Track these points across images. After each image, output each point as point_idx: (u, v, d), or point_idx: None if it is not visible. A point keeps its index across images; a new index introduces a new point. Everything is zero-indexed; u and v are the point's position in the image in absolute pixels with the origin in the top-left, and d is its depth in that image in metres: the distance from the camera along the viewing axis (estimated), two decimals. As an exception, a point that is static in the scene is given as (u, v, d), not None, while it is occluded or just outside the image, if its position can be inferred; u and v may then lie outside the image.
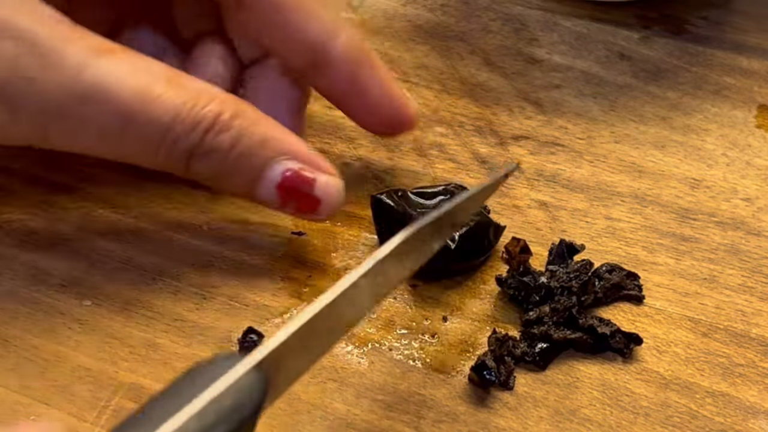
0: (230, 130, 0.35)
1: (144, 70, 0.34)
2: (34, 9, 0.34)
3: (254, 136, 0.35)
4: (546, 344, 0.36)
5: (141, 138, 0.34)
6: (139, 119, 0.34)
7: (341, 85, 0.39)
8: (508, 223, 0.40)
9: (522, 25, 0.52)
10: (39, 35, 0.33)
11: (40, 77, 0.33)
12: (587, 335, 0.36)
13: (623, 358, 0.36)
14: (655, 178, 0.43)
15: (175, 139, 0.34)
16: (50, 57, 0.33)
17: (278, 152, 0.36)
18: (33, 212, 0.41)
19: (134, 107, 0.33)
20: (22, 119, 0.33)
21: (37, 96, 0.33)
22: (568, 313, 0.36)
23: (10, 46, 0.33)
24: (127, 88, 0.33)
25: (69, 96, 0.33)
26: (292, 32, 0.38)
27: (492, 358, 0.35)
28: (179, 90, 0.34)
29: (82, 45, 0.33)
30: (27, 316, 0.37)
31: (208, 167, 0.35)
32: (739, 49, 0.50)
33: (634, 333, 0.36)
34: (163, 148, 0.34)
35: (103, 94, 0.33)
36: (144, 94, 0.34)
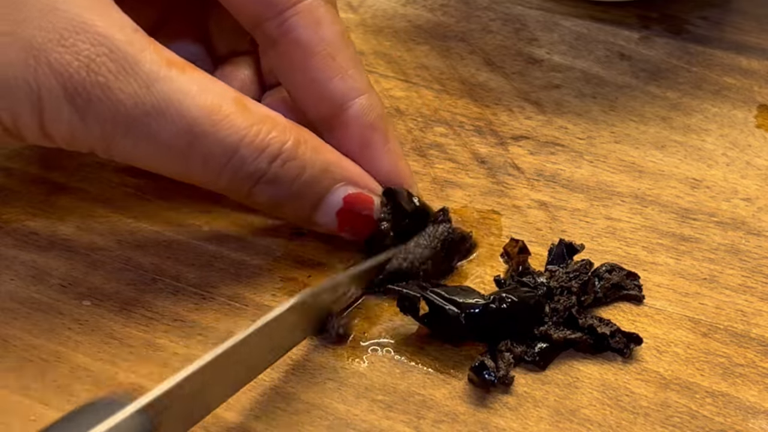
0: (296, 159, 0.35)
1: (212, 90, 0.34)
2: (110, 13, 0.33)
3: (317, 165, 0.35)
4: (546, 344, 0.36)
5: (206, 157, 0.34)
6: (206, 138, 0.33)
7: (351, 148, 0.38)
8: (508, 223, 0.40)
9: (522, 25, 0.52)
10: (116, 40, 0.32)
11: (113, 84, 0.32)
12: (587, 335, 0.36)
13: (623, 358, 0.36)
14: (655, 178, 0.43)
15: (241, 163, 0.34)
16: (125, 64, 0.32)
17: (338, 179, 0.36)
18: (33, 212, 0.41)
19: (202, 125, 0.33)
20: (91, 125, 0.33)
21: (109, 103, 0.32)
22: (568, 313, 0.36)
23: (86, 47, 0.32)
24: (196, 105, 0.33)
25: (139, 107, 0.32)
26: (316, 84, 0.37)
27: (491, 357, 0.35)
28: (246, 112, 0.34)
29: (156, 57, 0.33)
30: (27, 316, 0.37)
31: (271, 194, 0.35)
32: (739, 49, 0.50)
33: (634, 333, 0.36)
34: (228, 171, 0.34)
35: (173, 108, 0.33)
36: (212, 114, 0.33)
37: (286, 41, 0.37)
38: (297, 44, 0.37)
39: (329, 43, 0.37)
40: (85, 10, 0.32)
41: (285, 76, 0.38)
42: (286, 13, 0.36)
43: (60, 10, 0.32)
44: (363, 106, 0.38)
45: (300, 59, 0.37)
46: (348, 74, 0.37)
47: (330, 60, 0.37)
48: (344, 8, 0.53)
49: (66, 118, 0.32)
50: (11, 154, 0.44)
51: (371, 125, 0.38)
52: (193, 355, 0.36)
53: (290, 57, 0.37)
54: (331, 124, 0.38)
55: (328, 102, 0.37)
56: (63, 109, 0.32)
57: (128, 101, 0.32)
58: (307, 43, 0.37)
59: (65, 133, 0.33)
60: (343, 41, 0.37)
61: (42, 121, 0.33)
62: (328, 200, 0.36)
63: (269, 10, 0.36)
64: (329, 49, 0.37)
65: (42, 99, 0.32)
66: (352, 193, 0.36)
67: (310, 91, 0.37)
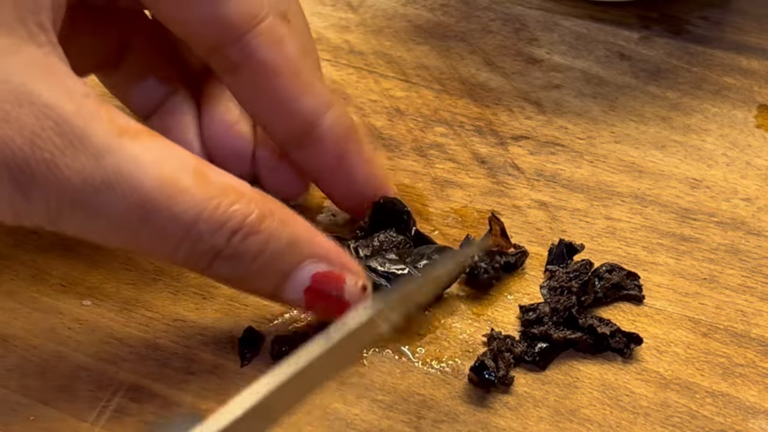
0: (258, 234, 0.32)
1: (169, 159, 0.31)
2: (58, 79, 0.31)
3: (282, 239, 0.32)
4: (546, 344, 0.36)
5: (161, 233, 0.31)
6: (160, 214, 0.31)
7: (326, 161, 0.37)
8: (508, 223, 0.40)
9: (522, 25, 0.52)
10: (63, 111, 0.30)
11: (60, 160, 0.30)
12: (587, 335, 0.36)
13: (623, 358, 0.36)
14: (655, 178, 0.43)
15: (197, 239, 0.31)
16: (72, 137, 0.30)
17: (306, 255, 0.33)
18: (33, 212, 0.41)
19: (156, 200, 0.31)
20: (35, 203, 0.30)
21: (55, 181, 0.30)
22: (568, 313, 0.36)
23: (30, 121, 0.29)
24: (150, 178, 0.30)
25: (88, 183, 0.30)
26: (284, 104, 0.36)
27: (491, 357, 0.35)
28: (206, 184, 0.31)
29: (107, 126, 0.30)
30: (27, 316, 0.37)
31: (232, 270, 0.32)
32: (739, 49, 0.50)
33: (634, 333, 0.36)
34: (184, 247, 0.31)
35: (124, 182, 0.30)
36: (168, 187, 0.31)
37: (249, 65, 0.35)
38: (261, 66, 0.35)
39: (292, 61, 0.36)
40: (31, 78, 0.30)
41: (249, 99, 0.37)
42: (246, 37, 0.35)
43: (2, 81, 0.29)
44: (334, 120, 0.37)
45: (265, 81, 0.36)
46: (315, 90, 0.36)
47: (295, 78, 0.36)
48: (344, 8, 0.53)
49: (7, 196, 0.30)
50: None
51: (344, 137, 0.37)
52: (194, 354, 0.36)
53: (254, 80, 0.36)
54: (302, 141, 0.37)
55: (299, 120, 0.36)
56: (5, 187, 0.30)
57: (76, 177, 0.30)
58: (271, 64, 0.35)
59: (8, 211, 0.31)
60: (303, 56, 0.36)
61: None
62: (295, 277, 0.33)
63: (229, 36, 0.35)
64: (293, 67, 0.36)
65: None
66: (321, 272, 0.33)
67: (279, 111, 0.36)
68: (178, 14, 0.35)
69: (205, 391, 0.35)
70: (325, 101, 0.37)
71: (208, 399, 0.34)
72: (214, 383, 0.35)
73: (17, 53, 0.30)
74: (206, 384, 0.35)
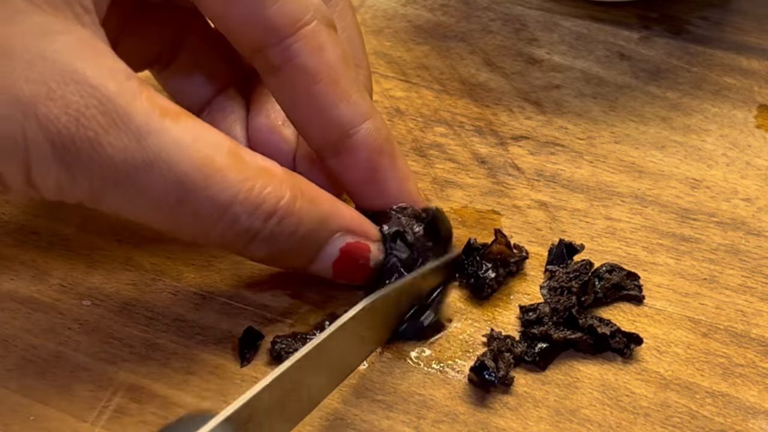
0: (292, 216, 0.33)
1: (206, 141, 0.32)
2: (102, 59, 0.31)
3: (314, 218, 0.34)
4: (546, 344, 0.36)
5: (197, 213, 0.32)
6: (197, 194, 0.32)
7: (359, 173, 0.37)
8: (508, 223, 0.40)
9: (522, 25, 0.52)
10: (107, 91, 0.31)
11: (103, 138, 0.30)
12: (587, 335, 0.36)
13: (623, 358, 0.36)
14: (655, 178, 0.43)
15: (234, 220, 0.33)
16: (116, 117, 0.31)
17: (335, 230, 0.35)
18: (33, 212, 0.41)
19: (194, 180, 0.32)
20: (79, 180, 0.31)
21: (98, 159, 0.31)
22: (568, 313, 0.36)
23: (76, 99, 0.30)
24: (188, 159, 0.31)
25: (129, 162, 0.31)
26: (321, 110, 0.36)
27: (491, 357, 0.35)
28: (240, 165, 0.33)
29: (148, 106, 0.31)
30: (27, 316, 0.37)
31: (267, 250, 0.34)
32: (739, 49, 0.50)
33: (634, 333, 0.36)
34: (220, 227, 0.33)
35: (164, 163, 0.31)
36: (205, 168, 0.32)
37: (289, 68, 0.36)
38: (301, 71, 0.36)
39: (332, 68, 0.36)
40: (76, 58, 0.31)
41: (287, 103, 0.37)
42: (288, 40, 0.35)
43: (48, 59, 0.30)
44: (370, 131, 0.37)
45: (304, 86, 0.36)
46: (352, 99, 0.36)
47: (334, 85, 0.36)
48: (344, 8, 0.53)
49: (54, 173, 0.31)
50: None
51: (379, 149, 0.37)
52: (194, 354, 0.36)
53: (293, 83, 0.36)
54: (336, 149, 0.37)
55: (334, 128, 0.36)
56: (51, 164, 0.31)
57: (118, 156, 0.31)
58: (311, 69, 0.36)
59: (52, 187, 0.31)
60: (345, 65, 0.36)
61: (29, 176, 0.31)
62: (325, 251, 0.35)
63: (271, 37, 0.35)
64: (333, 75, 0.36)
65: (29, 155, 0.30)
66: (349, 243, 0.35)
67: (315, 117, 0.36)
68: (224, 12, 0.35)
69: (205, 391, 0.35)
70: (363, 112, 0.37)
71: (208, 399, 0.34)
72: (214, 383, 0.35)
73: (64, 33, 0.31)
74: (206, 384, 0.35)
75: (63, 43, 0.31)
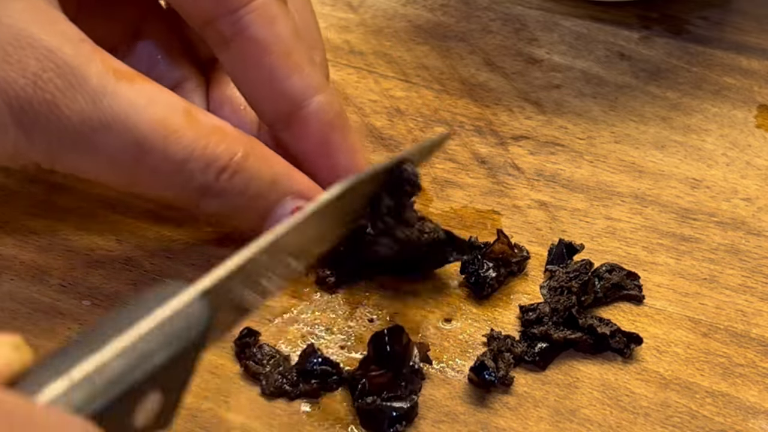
0: (243, 171, 0.34)
1: (161, 102, 0.33)
2: (56, 24, 0.32)
3: (265, 177, 0.35)
4: (546, 344, 0.36)
5: (154, 171, 0.33)
6: (154, 153, 0.33)
7: (310, 146, 0.37)
8: (508, 223, 0.40)
9: (522, 25, 0.52)
10: (63, 54, 0.31)
11: (61, 101, 0.31)
12: (587, 335, 0.36)
13: (623, 358, 0.36)
14: (655, 178, 0.43)
15: (189, 177, 0.33)
16: (72, 79, 0.31)
17: (287, 192, 0.35)
18: (33, 212, 0.41)
19: (151, 141, 0.32)
20: (36, 142, 0.32)
21: (56, 120, 0.31)
22: (568, 313, 0.36)
23: (32, 63, 0.31)
24: (145, 119, 0.32)
25: (86, 123, 0.32)
26: (273, 82, 0.36)
27: (491, 357, 0.35)
28: (195, 124, 0.33)
29: (104, 68, 0.32)
30: (27, 316, 0.37)
31: (219, 206, 0.35)
32: (739, 49, 0.50)
33: (634, 333, 0.36)
34: (176, 184, 0.34)
35: (121, 123, 0.32)
36: (161, 128, 0.32)
37: (240, 39, 0.36)
38: (252, 42, 0.36)
39: (284, 41, 0.36)
40: (31, 23, 0.31)
41: (239, 75, 0.37)
42: (240, 11, 0.35)
43: (4, 24, 0.31)
44: (321, 104, 0.37)
45: (255, 58, 0.36)
46: (305, 72, 0.37)
47: (286, 57, 0.36)
48: (344, 8, 0.53)
49: (11, 136, 0.31)
50: (11, 154, 0.44)
51: (330, 123, 0.37)
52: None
53: (244, 55, 0.36)
54: (288, 121, 0.37)
55: (286, 100, 0.37)
56: (8, 127, 0.31)
57: (75, 117, 0.31)
58: (262, 41, 0.36)
59: (8, 150, 0.32)
60: (297, 38, 0.37)
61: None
62: (276, 212, 0.35)
63: (222, 8, 0.36)
64: (284, 47, 0.36)
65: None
66: (299, 207, 0.35)
67: (267, 89, 0.37)
68: None
69: (205, 391, 0.35)
70: (314, 84, 0.37)
71: (208, 399, 0.34)
72: (214, 383, 0.35)
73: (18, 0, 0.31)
74: (206, 384, 0.35)
75: (17, 9, 0.31)
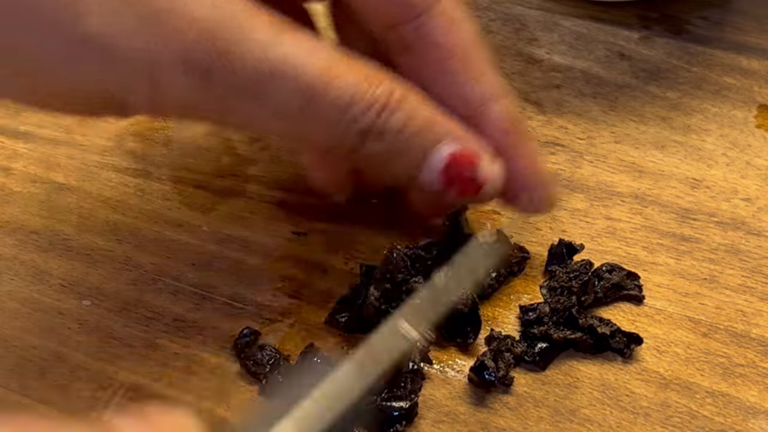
0: (400, 110, 0.34)
1: (322, 51, 0.34)
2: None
3: (421, 118, 0.35)
4: (546, 344, 0.36)
5: (320, 117, 0.34)
6: (320, 99, 0.33)
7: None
8: (508, 223, 0.40)
9: (522, 25, 0.52)
10: (233, 6, 0.32)
11: (233, 49, 0.32)
12: (587, 335, 0.36)
13: (623, 358, 0.36)
14: (655, 178, 0.43)
15: (352, 119, 0.34)
16: (243, 29, 0.32)
17: (443, 134, 0.35)
18: (33, 212, 0.41)
19: (317, 87, 0.33)
20: (209, 93, 0.33)
21: (228, 70, 0.32)
22: (568, 313, 0.36)
23: (207, 9, 0.32)
24: (310, 67, 0.33)
25: (258, 72, 0.32)
26: (452, 87, 0.37)
27: (491, 357, 0.35)
28: (354, 70, 0.34)
29: (268, 21, 0.33)
30: (27, 316, 0.37)
31: (380, 147, 0.35)
32: (739, 49, 0.50)
33: (634, 333, 0.36)
34: (340, 127, 0.34)
35: (289, 72, 0.33)
36: (325, 75, 0.33)
37: (422, 45, 0.36)
38: (435, 48, 0.36)
39: (465, 45, 0.36)
40: None
41: (418, 79, 0.37)
42: (422, 17, 0.36)
43: None
44: (499, 112, 0.37)
45: (437, 63, 0.36)
46: (484, 77, 0.37)
47: (466, 63, 0.36)
48: (344, 8, 0.53)
49: (183, 87, 0.32)
50: (11, 154, 0.44)
51: (508, 129, 0.37)
52: (194, 354, 0.36)
53: (426, 61, 0.37)
54: (466, 126, 0.37)
55: (465, 105, 0.37)
56: (180, 79, 0.32)
57: (247, 67, 0.32)
58: (444, 46, 0.36)
59: (179, 104, 0.33)
60: (477, 43, 0.37)
61: (154, 94, 0.32)
62: (432, 157, 0.35)
63: (406, 14, 0.36)
64: (465, 52, 0.36)
65: (160, 69, 0.31)
66: (455, 152, 0.35)
67: (447, 94, 0.37)
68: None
69: (205, 391, 0.35)
70: (495, 91, 0.37)
71: (208, 399, 0.34)
72: (214, 383, 0.35)
73: None
74: (206, 384, 0.35)
75: None
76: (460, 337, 0.36)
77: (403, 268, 0.36)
